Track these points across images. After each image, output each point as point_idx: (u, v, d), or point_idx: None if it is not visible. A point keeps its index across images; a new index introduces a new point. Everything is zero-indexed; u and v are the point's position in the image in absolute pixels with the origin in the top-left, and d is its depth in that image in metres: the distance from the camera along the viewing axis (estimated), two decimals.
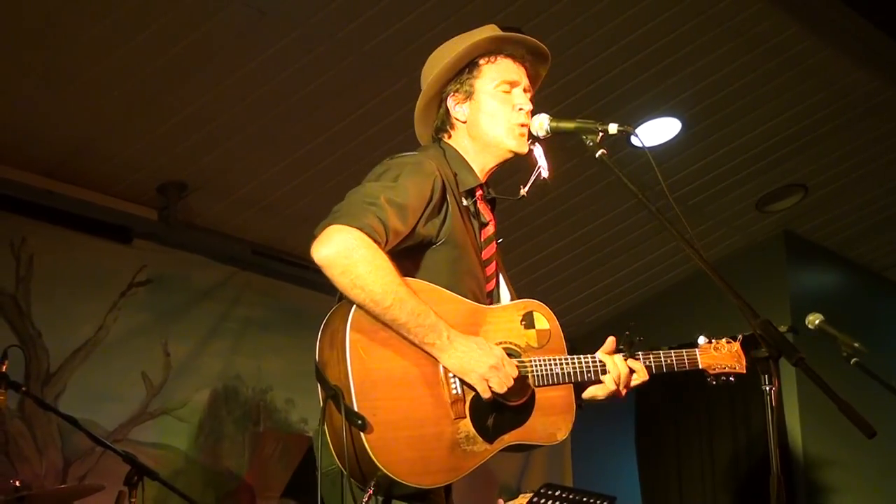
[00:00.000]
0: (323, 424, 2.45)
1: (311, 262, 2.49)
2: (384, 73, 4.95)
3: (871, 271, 7.59)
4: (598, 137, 2.69)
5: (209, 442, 5.78)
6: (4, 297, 5.20)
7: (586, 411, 2.85)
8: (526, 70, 2.87)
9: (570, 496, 4.86)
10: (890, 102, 5.86)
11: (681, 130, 5.84)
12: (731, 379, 3.03)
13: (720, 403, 6.87)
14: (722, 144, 6.07)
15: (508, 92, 2.81)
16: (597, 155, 2.68)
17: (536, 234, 6.45)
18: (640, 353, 2.87)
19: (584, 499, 4.92)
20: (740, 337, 3.05)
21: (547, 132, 2.79)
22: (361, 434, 2.34)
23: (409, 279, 2.51)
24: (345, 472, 2.39)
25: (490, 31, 2.86)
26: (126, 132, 5.17)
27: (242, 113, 5.12)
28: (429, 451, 2.44)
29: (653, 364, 2.89)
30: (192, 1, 4.45)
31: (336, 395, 2.37)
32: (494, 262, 2.83)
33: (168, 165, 5.43)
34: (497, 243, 2.86)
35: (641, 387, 2.86)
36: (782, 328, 6.40)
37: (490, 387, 2.49)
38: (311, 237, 2.46)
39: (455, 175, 2.75)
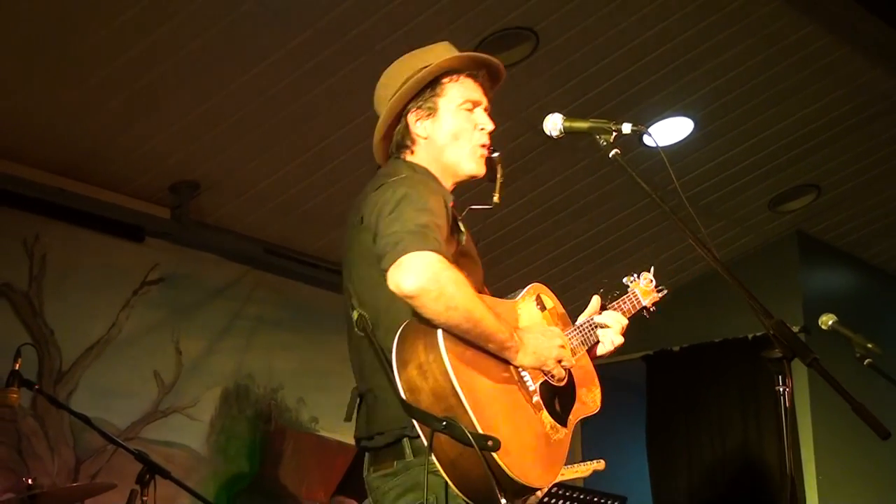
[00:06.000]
0: (432, 460, 2.36)
1: (323, 260, 2.48)
2: None
3: (884, 272, 7.57)
4: (612, 137, 2.68)
5: (220, 440, 5.79)
6: (17, 295, 5.22)
7: (597, 413, 2.87)
8: (483, 89, 2.84)
9: (581, 496, 4.86)
10: None
11: (693, 130, 5.83)
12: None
13: (730, 402, 6.86)
14: (735, 144, 6.05)
15: (471, 111, 2.78)
16: (610, 155, 2.67)
17: (547, 234, 6.44)
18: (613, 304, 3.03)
19: (595, 499, 4.93)
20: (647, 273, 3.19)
21: (560, 132, 2.77)
22: (494, 455, 2.30)
23: None
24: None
25: (446, 49, 2.83)
26: (139, 131, 5.18)
27: (254, 112, 5.13)
28: (541, 452, 2.47)
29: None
30: (204, 1, 4.46)
31: (451, 425, 2.30)
32: None
33: (180, 164, 5.44)
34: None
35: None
36: (795, 328, 6.37)
37: (563, 366, 2.58)
38: (382, 273, 2.40)
39: None
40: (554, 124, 2.78)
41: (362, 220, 2.57)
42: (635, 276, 3.18)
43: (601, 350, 2.91)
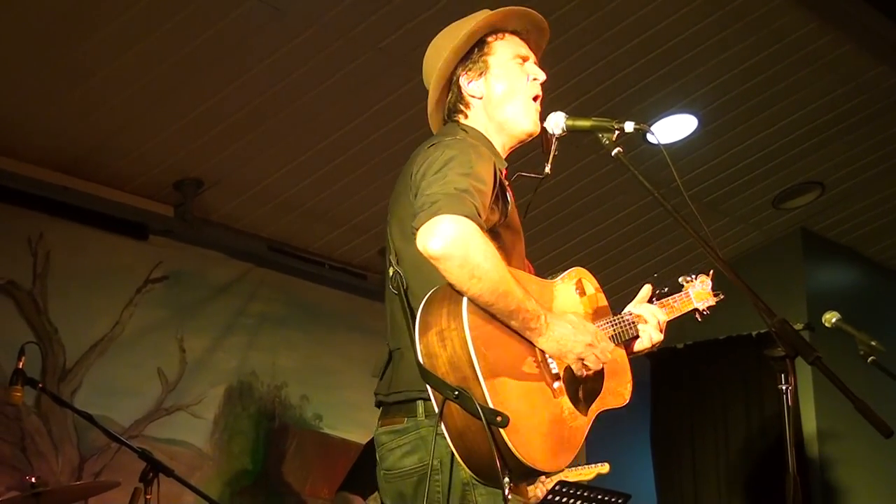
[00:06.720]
0: (440, 426, 2.35)
1: (326, 258, 2.46)
2: (399, 71, 4.95)
3: (888, 269, 7.56)
4: (615, 135, 2.66)
5: (224, 438, 5.80)
6: (21, 293, 5.23)
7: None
8: (528, 45, 2.83)
9: (585, 493, 4.86)
10: None
11: (697, 127, 5.82)
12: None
13: (735, 399, 6.86)
14: (738, 141, 6.05)
15: (521, 65, 2.77)
16: (613, 153, 2.65)
17: (549, 233, 6.43)
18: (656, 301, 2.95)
19: (600, 496, 4.92)
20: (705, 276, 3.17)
21: (563, 130, 2.75)
22: (502, 431, 2.27)
23: None
24: (471, 474, 2.36)
25: (484, 15, 2.80)
26: (142, 129, 5.18)
27: (258, 110, 5.13)
28: (553, 437, 2.42)
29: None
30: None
31: (462, 395, 2.28)
32: None
33: (184, 162, 5.44)
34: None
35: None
36: (798, 326, 6.38)
37: (585, 365, 2.48)
38: (412, 232, 2.34)
39: None
40: (556, 123, 2.76)
41: (412, 176, 2.53)
42: (692, 276, 3.13)
43: (639, 346, 2.83)
